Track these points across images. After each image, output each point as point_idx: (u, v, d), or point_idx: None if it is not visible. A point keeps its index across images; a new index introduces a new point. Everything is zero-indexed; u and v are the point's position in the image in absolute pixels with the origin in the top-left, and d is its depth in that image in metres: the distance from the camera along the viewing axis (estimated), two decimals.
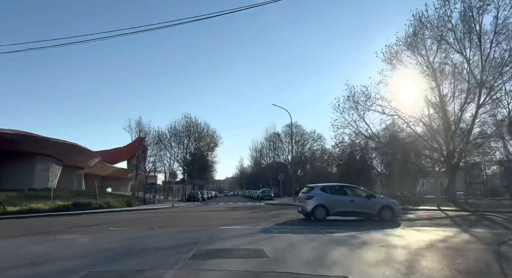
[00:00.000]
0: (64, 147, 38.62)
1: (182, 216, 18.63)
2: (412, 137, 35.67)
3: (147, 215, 19.68)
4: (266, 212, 21.21)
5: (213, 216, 18.80)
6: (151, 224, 13.85)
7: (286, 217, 16.73)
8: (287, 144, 77.07)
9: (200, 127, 53.87)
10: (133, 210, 25.90)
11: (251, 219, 15.84)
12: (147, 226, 12.99)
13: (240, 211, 23.19)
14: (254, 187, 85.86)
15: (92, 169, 54.93)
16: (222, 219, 16.24)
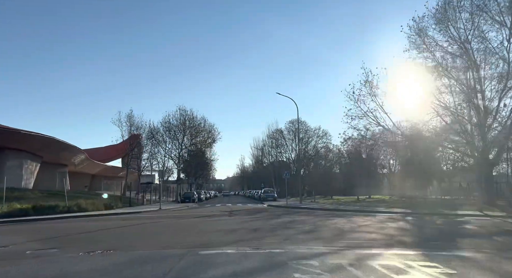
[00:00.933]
0: (40, 141, 34.01)
1: (159, 226, 13.96)
2: (436, 130, 31.05)
3: (116, 223, 15.00)
4: (271, 219, 16.52)
5: (202, 225, 14.11)
6: (100, 242, 9.24)
7: (300, 229, 12.04)
8: (290, 141, 72.55)
9: (197, 121, 49.10)
10: (107, 214, 21.28)
11: (252, 232, 11.17)
12: (89, 247, 8.34)
13: (239, 216, 18.53)
14: (256, 187, 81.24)
15: (79, 167, 50.37)
16: (212, 231, 11.58)
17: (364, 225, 13.16)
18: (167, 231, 11.81)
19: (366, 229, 11.68)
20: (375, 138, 34.99)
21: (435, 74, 27.77)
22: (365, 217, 17.35)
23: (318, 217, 17.32)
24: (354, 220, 15.34)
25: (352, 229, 11.61)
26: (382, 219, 15.69)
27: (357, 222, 14.37)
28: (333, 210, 23.81)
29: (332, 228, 12.09)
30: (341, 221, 14.59)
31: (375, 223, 13.92)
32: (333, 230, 11.39)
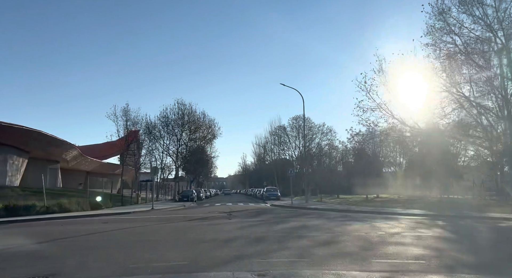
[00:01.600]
0: (25, 134, 31.46)
1: (138, 233, 11.39)
2: (455, 123, 28.44)
3: (89, 229, 12.41)
4: (277, 223, 13.94)
5: (194, 231, 11.53)
6: (42, 260, 6.74)
7: (315, 239, 9.46)
8: (293, 138, 69.94)
9: (196, 115, 46.48)
10: (91, 215, 18.74)
11: (255, 243, 8.62)
12: (17, 271, 5.78)
13: (239, 218, 15.96)
14: (258, 185, 78.68)
15: (71, 164, 47.83)
16: (204, 240, 9.02)
17: (393, 232, 10.58)
18: (145, 241, 9.24)
19: (401, 240, 9.11)
20: (385, 133, 32.31)
21: (456, 62, 25.15)
22: (387, 220, 14.77)
23: (332, 220, 14.74)
24: (377, 225, 12.76)
25: (383, 240, 9.05)
26: (410, 224, 13.12)
27: (382, 228, 11.79)
28: (346, 211, 21.24)
29: (355, 237, 9.52)
30: (362, 227, 12.02)
31: (405, 229, 11.34)
32: (359, 241, 8.84)
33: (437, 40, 24.27)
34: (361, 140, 44.04)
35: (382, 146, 46.37)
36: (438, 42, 24.61)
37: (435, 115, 28.07)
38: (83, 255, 7.33)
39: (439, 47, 24.27)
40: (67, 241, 9.64)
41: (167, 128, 45.97)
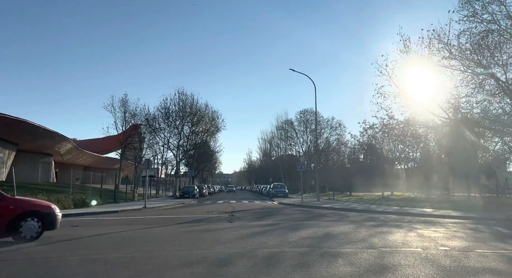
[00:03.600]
0: (11, 124, 28.62)
1: (96, 246, 8.38)
2: (485, 113, 25.18)
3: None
4: (292, 230, 10.85)
5: (171, 245, 8.42)
6: None
7: (354, 258, 6.38)
8: (301, 132, 66.76)
9: (198, 106, 43.41)
10: (64, 215, 15.76)
11: (264, 271, 5.50)
12: None
13: (242, 221, 12.91)
14: (263, 182, 75.75)
15: (67, 157, 45.14)
16: (179, 265, 5.92)
17: (459, 247, 7.47)
18: (90, 266, 6.18)
19: (487, 262, 6.00)
20: (405, 123, 28.92)
21: (494, 41, 21.84)
22: (429, 225, 11.67)
23: (360, 225, 11.64)
24: (425, 233, 9.65)
25: (458, 262, 5.96)
26: (466, 232, 9.99)
27: (435, 238, 8.69)
28: (367, 211, 18.17)
29: (412, 256, 6.44)
30: (407, 237, 8.93)
31: (469, 241, 8.24)
32: (423, 264, 5.76)
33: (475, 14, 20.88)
34: (374, 134, 40.94)
35: (397, 140, 43.05)
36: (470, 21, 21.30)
37: (463, 103, 24.91)
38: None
39: (478, 21, 20.87)
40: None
41: (168, 121, 43.05)
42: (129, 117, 40.41)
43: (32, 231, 8.56)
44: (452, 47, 21.52)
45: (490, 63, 22.06)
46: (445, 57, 22.10)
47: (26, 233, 8.46)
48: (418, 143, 42.79)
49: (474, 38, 21.81)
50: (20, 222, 8.41)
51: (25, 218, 8.51)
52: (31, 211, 8.70)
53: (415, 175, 46.51)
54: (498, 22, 21.22)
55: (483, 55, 22.16)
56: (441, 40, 21.41)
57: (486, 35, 21.65)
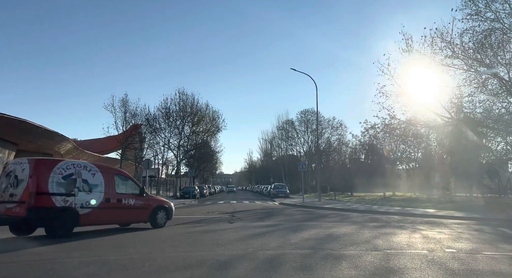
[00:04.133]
0: (10, 124, 28.37)
1: (82, 249, 8.22)
2: (488, 112, 24.97)
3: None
4: (294, 231, 10.67)
5: (170, 247, 8.25)
6: None
7: (358, 261, 6.19)
8: (302, 132, 66.56)
9: (198, 106, 43.19)
10: None
11: (265, 273, 5.31)
12: None
13: (243, 223, 12.72)
14: (264, 182, 75.54)
15: (67, 157, 44.81)
16: (176, 269, 5.73)
17: (465, 249, 7.27)
18: (86, 269, 5.98)
19: (496, 265, 5.81)
20: (407, 123, 28.66)
21: (497, 40, 21.62)
22: (433, 226, 11.49)
23: (363, 226, 11.45)
24: (430, 235, 9.46)
25: (467, 265, 5.77)
26: (471, 233, 9.81)
27: (440, 239, 8.50)
28: (369, 212, 17.99)
29: (418, 259, 6.25)
30: (411, 238, 8.75)
31: (474, 242, 8.05)
32: (430, 268, 5.57)
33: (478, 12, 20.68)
34: (375, 133, 40.76)
35: (398, 140, 42.81)
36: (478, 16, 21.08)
37: (465, 103, 24.75)
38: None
39: (481, 20, 20.67)
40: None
41: (168, 121, 42.85)
42: (130, 117, 40.26)
43: (162, 220, 11.50)
44: (455, 46, 21.33)
45: (493, 62, 21.86)
46: (448, 56, 21.90)
47: (160, 221, 11.41)
48: (420, 143, 42.58)
49: (477, 37, 21.61)
50: (156, 213, 11.35)
51: (159, 210, 11.48)
52: (160, 206, 11.63)
53: (417, 175, 46.30)
54: (501, 20, 21.03)
55: (486, 54, 21.97)
56: (444, 39, 21.23)
57: (489, 34, 21.46)
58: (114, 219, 10.60)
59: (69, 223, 9.17)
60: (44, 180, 8.88)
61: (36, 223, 9.01)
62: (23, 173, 8.92)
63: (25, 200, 8.60)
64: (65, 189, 9.19)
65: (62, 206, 9.04)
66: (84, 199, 9.47)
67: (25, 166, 8.97)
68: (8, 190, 9.05)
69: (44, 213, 8.74)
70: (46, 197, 8.83)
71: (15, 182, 8.96)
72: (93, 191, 9.74)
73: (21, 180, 8.86)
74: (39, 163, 9.24)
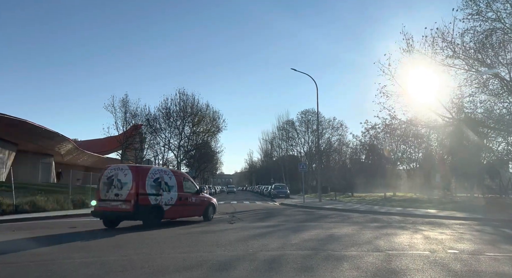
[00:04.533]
0: (10, 124, 28.41)
1: (85, 248, 8.17)
2: (489, 113, 24.88)
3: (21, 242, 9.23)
4: (294, 231, 10.62)
5: (171, 247, 8.17)
6: None
7: (360, 263, 6.14)
8: (302, 133, 66.53)
9: (199, 106, 43.17)
10: (63, 216, 15.57)
11: (266, 274, 5.27)
12: None
13: (243, 223, 12.66)
14: (265, 182, 75.47)
15: (67, 158, 44.91)
16: (177, 269, 5.68)
17: (467, 250, 7.21)
18: (85, 270, 5.94)
19: (499, 266, 5.76)
20: (408, 122, 28.57)
21: (498, 40, 21.55)
22: (434, 227, 11.43)
23: (364, 227, 11.39)
24: (431, 235, 9.41)
25: (469, 266, 5.72)
26: (473, 233, 9.75)
27: (442, 240, 8.44)
28: (370, 212, 17.94)
29: (420, 260, 6.20)
30: (413, 239, 8.70)
31: (477, 243, 7.99)
32: (432, 269, 5.51)
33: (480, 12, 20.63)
34: (376, 134, 40.64)
35: (399, 140, 42.72)
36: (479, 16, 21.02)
37: (466, 103, 24.68)
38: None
39: (482, 19, 20.61)
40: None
41: (168, 121, 42.83)
42: (130, 118, 40.31)
43: (211, 214, 13.94)
44: (456, 46, 21.28)
45: (494, 62, 21.80)
46: (449, 56, 21.84)
47: (209, 215, 13.77)
48: (421, 143, 42.50)
49: (478, 36, 21.54)
50: (208, 209, 13.76)
51: (209, 206, 13.91)
52: (210, 203, 14.04)
53: (417, 176, 46.20)
54: (503, 20, 20.95)
55: (487, 54, 21.92)
56: (444, 38, 21.18)
57: (491, 33, 21.38)
58: (182, 214, 12.93)
59: (158, 217, 11.58)
60: (143, 183, 11.13)
61: (138, 216, 11.06)
62: (125, 177, 11.02)
63: (131, 199, 10.76)
64: (155, 190, 11.50)
65: (154, 204, 11.36)
66: (166, 198, 11.83)
67: (127, 171, 11.14)
68: (112, 190, 11.06)
69: (144, 209, 10.99)
70: (145, 196, 11.07)
71: (119, 184, 10.99)
72: (171, 191, 12.09)
73: (125, 183, 10.94)
74: (138, 169, 11.52)
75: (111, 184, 11.11)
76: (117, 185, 11.00)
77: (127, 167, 11.56)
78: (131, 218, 11.09)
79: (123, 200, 10.82)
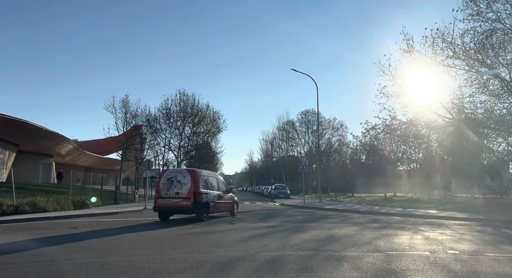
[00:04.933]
0: (10, 125, 28.43)
1: (87, 249, 8.16)
2: (489, 113, 24.87)
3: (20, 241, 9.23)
4: (295, 232, 10.61)
5: (171, 248, 8.13)
6: None
7: (361, 264, 6.15)
8: (303, 133, 66.55)
9: (199, 107, 43.11)
10: (63, 217, 15.56)
11: (266, 275, 5.27)
12: None
13: (244, 224, 12.65)
14: (265, 183, 75.48)
15: (68, 158, 44.95)
16: (177, 270, 5.68)
17: (468, 250, 7.21)
18: (84, 271, 5.96)
19: (501, 267, 5.75)
20: (408, 123, 28.55)
21: (498, 40, 21.54)
22: (434, 227, 11.43)
23: (364, 227, 11.39)
24: (431, 236, 9.41)
25: (469, 267, 5.72)
26: (474, 234, 9.75)
27: (442, 241, 8.44)
28: (370, 212, 17.95)
29: (421, 260, 6.20)
30: (413, 239, 8.70)
31: (478, 243, 7.99)
32: (433, 270, 5.51)
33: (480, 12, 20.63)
34: (376, 134, 40.62)
35: (399, 141, 42.71)
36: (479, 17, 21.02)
37: (466, 103, 24.66)
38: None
39: (482, 20, 20.61)
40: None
41: (169, 121, 42.77)
42: (130, 118, 40.30)
43: (235, 211, 16.59)
44: (456, 46, 21.30)
45: (494, 63, 21.81)
46: (449, 57, 21.85)
47: (234, 211, 16.44)
48: (421, 144, 42.51)
49: (478, 37, 21.56)
50: (233, 206, 16.47)
51: (234, 204, 16.61)
52: (235, 201, 16.72)
53: (418, 176, 46.20)
54: (503, 21, 20.96)
55: (487, 55, 21.92)
56: (445, 39, 21.18)
57: (491, 34, 21.39)
58: (219, 210, 15.24)
59: (207, 212, 13.79)
60: (198, 184, 13.47)
61: (196, 211, 13.33)
62: (184, 179, 13.41)
63: (190, 196, 13.10)
64: (205, 189, 13.85)
65: (205, 200, 13.68)
66: (212, 196, 14.18)
67: (185, 174, 13.64)
68: (172, 189, 13.39)
69: (199, 204, 13.27)
70: (200, 194, 13.36)
71: (178, 185, 13.36)
72: (213, 190, 14.55)
73: (184, 183, 13.33)
74: (195, 172, 13.88)
75: (171, 184, 13.43)
76: (177, 185, 13.35)
77: (185, 170, 14.24)
78: (190, 212, 13.57)
79: (183, 197, 13.18)
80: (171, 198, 13.32)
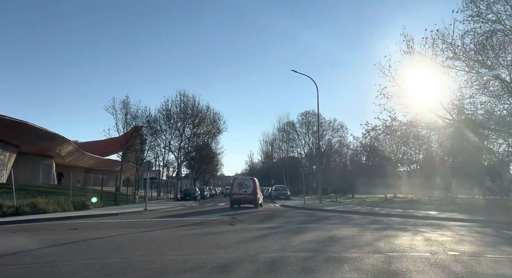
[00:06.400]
0: (10, 126, 28.44)
1: (88, 250, 8.16)
2: (489, 114, 24.86)
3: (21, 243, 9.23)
4: (295, 233, 10.59)
5: (172, 249, 8.12)
6: None
7: (361, 265, 6.15)
8: (303, 134, 66.44)
9: (199, 108, 43.16)
10: (63, 218, 15.56)
11: (266, 276, 5.28)
12: None
13: (244, 225, 12.63)
14: (265, 184, 75.53)
15: (68, 159, 44.94)
16: (178, 271, 5.69)
17: (468, 252, 7.21)
18: (84, 273, 5.95)
19: (498, 268, 5.75)
20: (409, 124, 28.50)
21: (498, 42, 21.54)
22: (434, 228, 11.41)
23: (365, 228, 11.39)
24: (432, 237, 9.40)
25: (471, 268, 5.72)
26: (474, 235, 9.73)
27: (443, 242, 8.43)
28: (371, 214, 17.92)
29: (421, 262, 6.20)
30: (414, 241, 8.69)
31: (478, 245, 7.98)
32: (434, 271, 5.51)
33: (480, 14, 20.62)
34: (376, 135, 40.57)
35: (400, 142, 42.67)
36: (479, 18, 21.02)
37: (466, 104, 24.62)
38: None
39: (482, 21, 20.60)
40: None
41: (169, 122, 42.83)
42: (130, 119, 40.41)
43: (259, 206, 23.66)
44: (456, 47, 21.27)
45: (494, 64, 21.79)
46: (449, 58, 21.82)
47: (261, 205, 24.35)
48: (421, 145, 42.45)
49: (479, 38, 21.52)
50: (259, 203, 23.78)
51: (259, 200, 24.01)
52: (259, 198, 23.74)
53: (418, 177, 46.14)
54: (503, 22, 20.96)
55: (487, 56, 21.89)
56: (445, 40, 21.15)
57: (491, 35, 21.37)
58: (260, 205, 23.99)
59: (258, 205, 23.32)
60: (257, 187, 23.64)
61: (254, 203, 23.01)
62: (249, 183, 23.35)
63: (254, 194, 23.08)
64: (259, 190, 23.56)
65: (257, 197, 23.28)
66: (259, 195, 23.45)
67: (250, 181, 23.74)
68: (241, 189, 23.16)
69: (257, 199, 23.24)
70: (257, 193, 23.24)
71: (245, 186, 23.16)
72: (258, 190, 23.58)
73: (249, 186, 23.23)
74: (255, 180, 23.88)
75: (241, 186, 23.21)
76: (245, 186, 23.20)
77: (249, 178, 24.61)
78: (252, 203, 23.05)
79: (249, 194, 23.09)
80: (242, 194, 23.12)
